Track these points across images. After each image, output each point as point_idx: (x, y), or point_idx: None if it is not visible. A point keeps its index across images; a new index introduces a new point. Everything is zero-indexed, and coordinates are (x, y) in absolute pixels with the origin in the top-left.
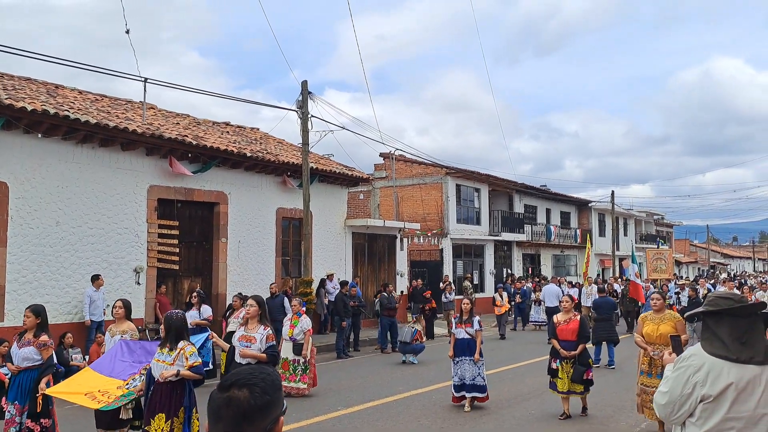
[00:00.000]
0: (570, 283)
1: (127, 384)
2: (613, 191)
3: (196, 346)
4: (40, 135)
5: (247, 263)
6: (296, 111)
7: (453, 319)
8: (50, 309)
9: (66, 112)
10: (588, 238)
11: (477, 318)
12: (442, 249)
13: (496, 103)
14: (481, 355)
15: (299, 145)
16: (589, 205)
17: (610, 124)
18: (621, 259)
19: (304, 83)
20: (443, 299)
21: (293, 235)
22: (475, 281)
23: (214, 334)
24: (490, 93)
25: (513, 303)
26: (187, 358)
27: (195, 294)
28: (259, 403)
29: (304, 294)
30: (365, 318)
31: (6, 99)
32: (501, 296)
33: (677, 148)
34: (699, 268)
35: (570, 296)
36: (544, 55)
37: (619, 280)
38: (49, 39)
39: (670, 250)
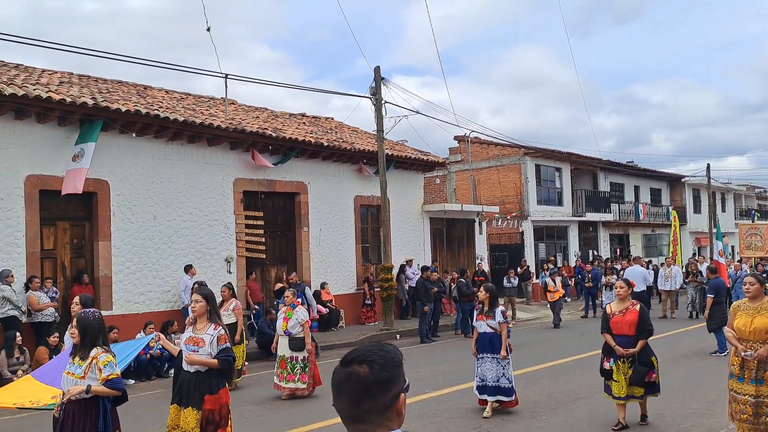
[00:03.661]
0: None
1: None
2: (708, 164)
3: (136, 350)
4: (134, 134)
5: (329, 251)
6: (370, 98)
7: (475, 311)
8: (152, 298)
9: (156, 112)
10: (674, 216)
11: (500, 308)
12: (522, 232)
13: (578, 76)
14: (508, 352)
15: (373, 133)
16: (682, 180)
17: (700, 93)
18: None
19: (377, 69)
20: (505, 284)
21: (371, 222)
22: (559, 264)
23: (161, 335)
24: (564, 67)
25: (583, 287)
26: (100, 370)
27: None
28: (379, 379)
29: (385, 280)
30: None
31: (102, 102)
32: (554, 281)
33: None
34: None
35: (626, 281)
36: (623, 23)
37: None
38: (126, 43)
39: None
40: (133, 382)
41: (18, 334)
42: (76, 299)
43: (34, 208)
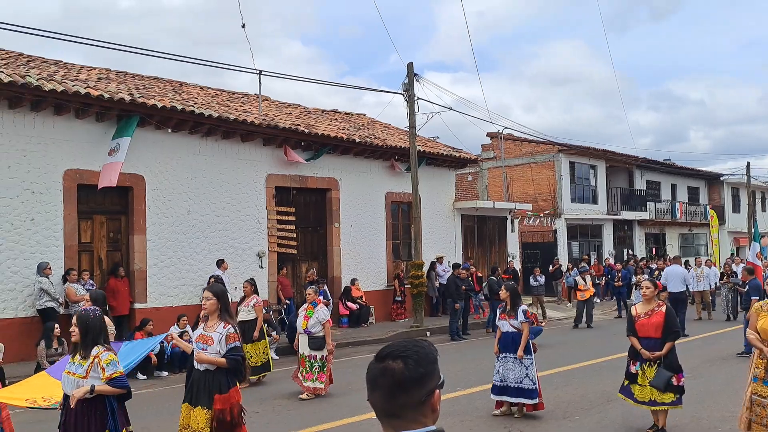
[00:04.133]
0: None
1: None
2: (748, 162)
3: (148, 350)
4: (170, 130)
5: (360, 247)
6: (402, 94)
7: (497, 310)
8: (185, 291)
9: (192, 108)
10: (712, 215)
11: (522, 307)
12: (555, 230)
13: (615, 71)
14: (528, 352)
15: (405, 129)
16: (721, 178)
17: (740, 90)
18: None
19: (410, 65)
20: (532, 282)
21: (402, 219)
22: (592, 262)
23: (174, 335)
24: (599, 63)
25: (613, 286)
26: (103, 369)
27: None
28: (414, 375)
29: (415, 277)
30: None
31: (139, 98)
32: (584, 280)
33: None
34: None
35: (652, 281)
36: (660, 18)
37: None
38: (161, 40)
39: None
40: (166, 373)
41: (57, 325)
42: (87, 296)
43: (72, 202)
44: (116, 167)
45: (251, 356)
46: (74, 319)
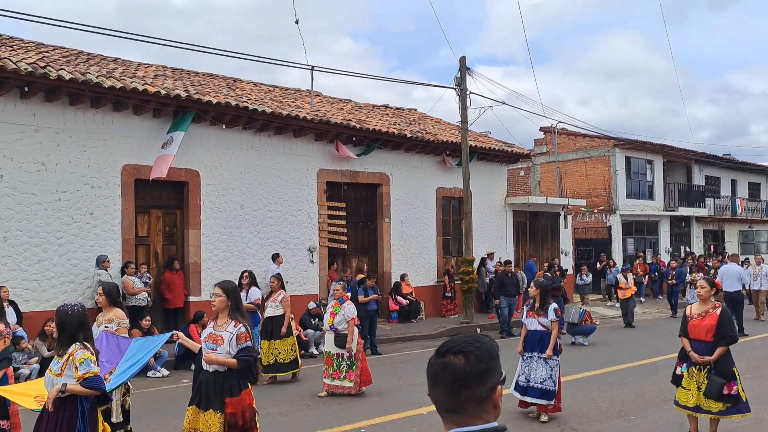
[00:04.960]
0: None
1: None
2: None
3: (156, 347)
4: (224, 126)
5: (410, 242)
6: (454, 89)
7: (525, 306)
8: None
9: (245, 104)
10: None
11: (553, 306)
12: (610, 226)
13: (675, 63)
14: (556, 353)
15: (456, 124)
16: None
17: None
18: None
19: (462, 59)
20: (578, 281)
21: (453, 215)
22: (648, 260)
23: (180, 334)
24: (655, 55)
25: (660, 285)
26: (76, 368)
27: (246, 274)
28: (475, 371)
29: (465, 273)
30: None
31: (195, 94)
32: (626, 278)
33: None
34: None
35: (709, 280)
36: (720, 8)
37: None
38: (213, 37)
39: None
40: (167, 372)
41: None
42: (100, 289)
43: (130, 196)
44: (168, 159)
45: (279, 353)
46: (54, 314)
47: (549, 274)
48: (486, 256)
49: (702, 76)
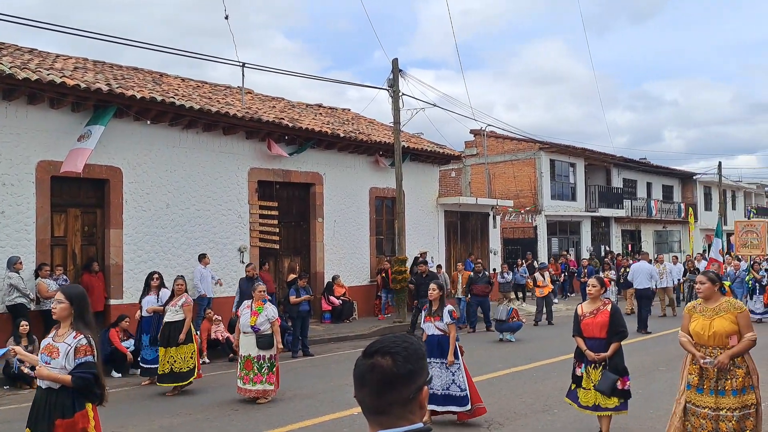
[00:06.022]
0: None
1: None
2: (720, 162)
3: None
4: (149, 122)
5: (343, 242)
6: (387, 90)
7: (423, 311)
8: None
9: (172, 99)
10: (691, 213)
11: (448, 308)
12: (536, 226)
13: (594, 72)
14: (456, 356)
15: (390, 125)
16: (694, 177)
17: (714, 92)
18: (729, 235)
19: (395, 61)
20: (500, 279)
21: (386, 214)
22: (571, 258)
23: (16, 348)
24: (580, 64)
25: (580, 282)
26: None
27: (156, 276)
28: (402, 372)
29: (398, 272)
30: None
31: (117, 88)
32: (543, 276)
33: None
34: None
35: (599, 279)
36: (641, 21)
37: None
38: (146, 29)
39: (765, 222)
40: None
41: (25, 322)
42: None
43: (45, 194)
44: (84, 153)
45: (176, 361)
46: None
47: (486, 272)
48: (418, 256)
49: (622, 84)
